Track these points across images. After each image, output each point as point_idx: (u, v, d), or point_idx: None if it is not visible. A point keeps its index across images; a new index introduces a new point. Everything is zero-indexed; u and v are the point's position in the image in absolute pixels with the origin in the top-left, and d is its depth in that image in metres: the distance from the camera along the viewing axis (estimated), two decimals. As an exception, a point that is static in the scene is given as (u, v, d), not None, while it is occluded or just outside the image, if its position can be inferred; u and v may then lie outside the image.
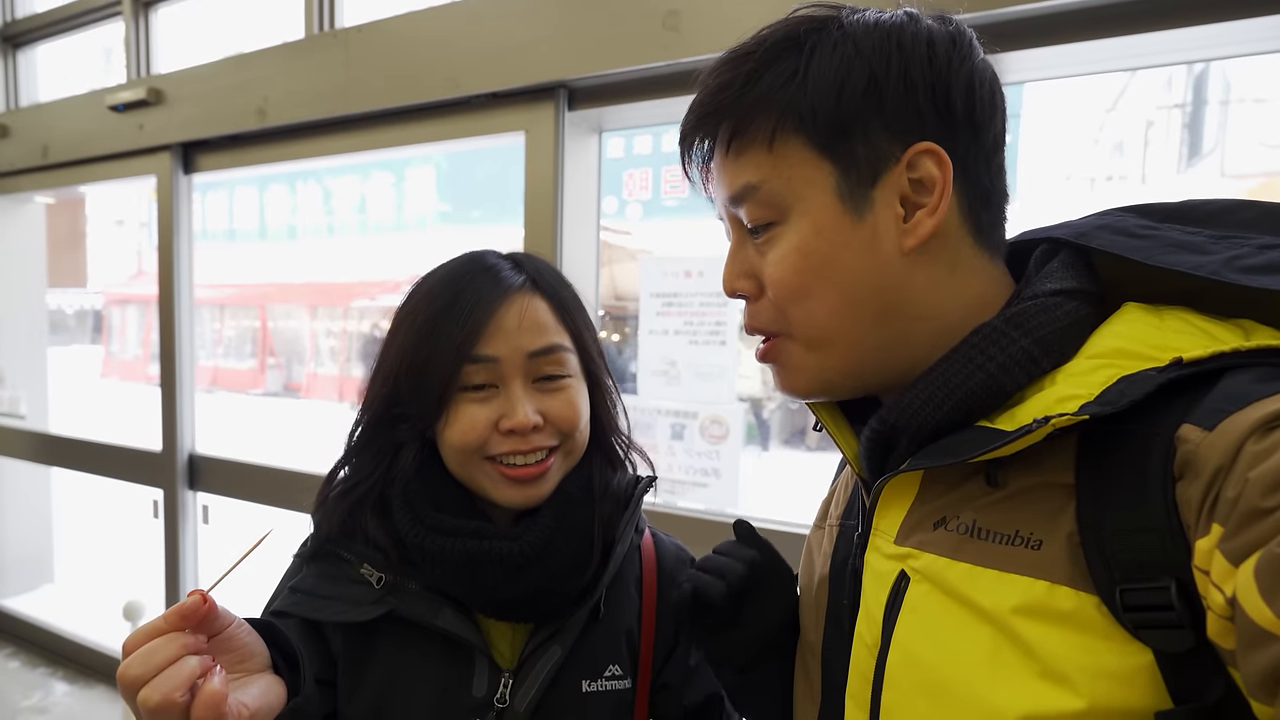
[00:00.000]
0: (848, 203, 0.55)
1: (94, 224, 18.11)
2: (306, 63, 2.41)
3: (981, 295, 0.57)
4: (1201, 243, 0.52)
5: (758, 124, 0.56)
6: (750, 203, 0.58)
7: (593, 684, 0.78)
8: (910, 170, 0.54)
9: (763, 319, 0.61)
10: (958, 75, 0.54)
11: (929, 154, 0.54)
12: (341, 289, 12.95)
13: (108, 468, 3.21)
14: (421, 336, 0.75)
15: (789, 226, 0.57)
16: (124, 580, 3.70)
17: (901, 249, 0.55)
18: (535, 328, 0.76)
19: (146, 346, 15.29)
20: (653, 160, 5.58)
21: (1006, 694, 0.47)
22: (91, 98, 3.01)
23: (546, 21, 1.93)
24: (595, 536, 0.78)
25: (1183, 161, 7.61)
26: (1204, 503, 0.43)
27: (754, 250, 0.60)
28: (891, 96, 0.53)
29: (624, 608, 0.83)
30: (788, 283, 0.57)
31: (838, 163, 0.55)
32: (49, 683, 3.19)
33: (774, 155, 0.56)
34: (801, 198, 0.56)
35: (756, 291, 0.60)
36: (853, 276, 0.56)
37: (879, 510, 0.59)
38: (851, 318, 0.56)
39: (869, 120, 0.54)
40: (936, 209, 0.55)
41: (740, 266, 0.61)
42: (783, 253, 0.57)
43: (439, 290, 0.77)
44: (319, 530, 0.80)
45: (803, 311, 0.57)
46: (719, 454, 2.04)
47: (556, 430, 0.77)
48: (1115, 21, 1.43)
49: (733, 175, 0.58)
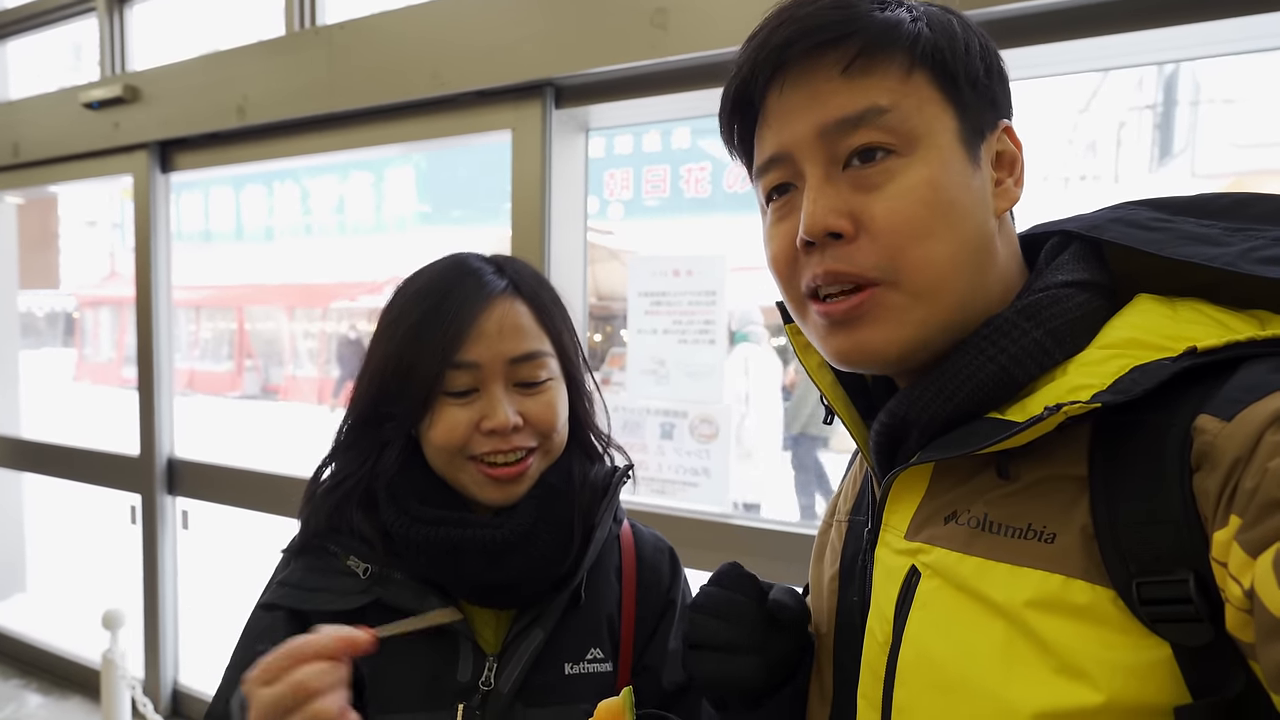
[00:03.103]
0: (968, 149, 0.55)
1: (66, 225, 17.75)
2: (287, 60, 2.37)
3: (1013, 281, 0.58)
4: (1216, 235, 0.52)
5: (894, 48, 0.53)
6: (872, 127, 0.53)
7: (575, 666, 0.81)
8: (998, 142, 0.57)
9: (864, 261, 0.54)
10: (1008, 80, 0.59)
11: (1009, 132, 0.58)
12: (320, 290, 12.80)
13: (84, 473, 3.14)
14: (406, 340, 0.78)
15: (915, 159, 0.53)
16: (100, 588, 3.63)
17: (994, 209, 0.57)
18: (516, 333, 0.79)
19: (120, 349, 15.01)
20: (633, 160, 5.55)
21: (1022, 689, 0.47)
22: (64, 95, 2.95)
23: (533, 18, 1.92)
24: (575, 524, 0.81)
25: (1154, 161, 7.76)
26: (1222, 494, 0.42)
27: (849, 188, 0.54)
28: (995, 70, 0.57)
29: (604, 595, 0.86)
30: (915, 218, 0.53)
31: (960, 110, 0.55)
32: (22, 694, 3.12)
33: (909, 84, 0.54)
34: (932, 131, 0.54)
35: (854, 231, 0.54)
36: (971, 222, 0.54)
37: (889, 505, 0.58)
38: (966, 267, 0.54)
39: (981, 83, 0.56)
40: (1020, 180, 0.58)
41: (834, 202, 0.54)
42: (909, 185, 0.53)
43: (423, 294, 0.80)
44: (306, 525, 0.83)
45: (923, 253, 0.53)
46: (709, 453, 2.04)
47: (536, 431, 0.80)
48: (1087, 22, 1.45)
49: (850, 95, 0.53)
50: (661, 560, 0.92)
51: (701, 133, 3.94)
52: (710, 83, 1.78)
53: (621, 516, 0.92)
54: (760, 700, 0.67)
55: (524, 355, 0.79)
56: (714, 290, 2.01)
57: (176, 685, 2.91)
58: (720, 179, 5.35)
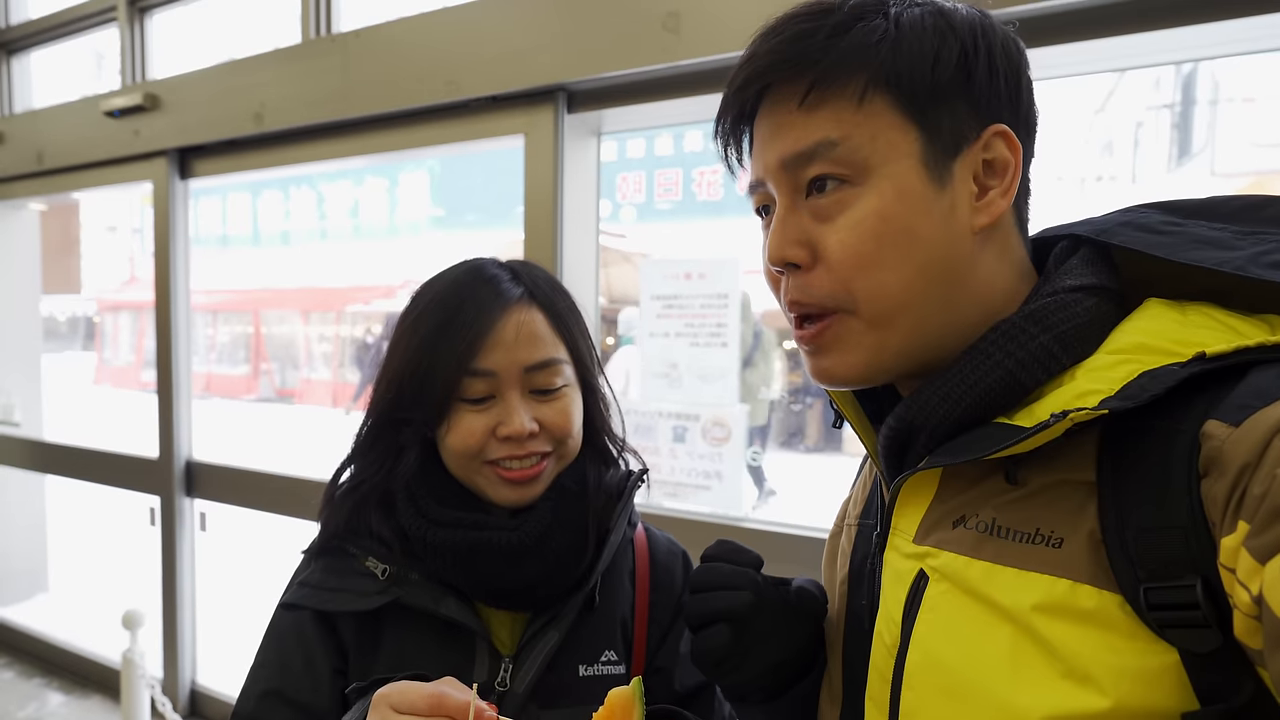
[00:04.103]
0: (932, 171, 0.54)
1: (87, 230, 18.00)
2: (304, 67, 2.40)
3: (1015, 288, 0.57)
4: (1227, 239, 0.51)
5: (846, 78, 0.53)
6: (823, 160, 0.54)
7: (589, 668, 0.82)
8: (985, 150, 0.55)
9: (818, 291, 0.55)
10: (1023, 71, 0.57)
11: (1002, 136, 0.55)
12: (335, 294, 12.89)
13: (104, 475, 3.19)
14: (423, 347, 0.79)
15: (867, 189, 0.54)
16: (120, 589, 3.68)
17: (972, 226, 0.55)
18: (532, 341, 0.79)
19: (139, 353, 15.19)
20: (645, 164, 5.57)
21: (1029, 694, 0.47)
22: (87, 103, 3.00)
23: (545, 24, 1.93)
24: (589, 528, 0.82)
25: (1172, 161, 7.66)
26: (1230, 499, 0.42)
27: (809, 217, 0.56)
28: (979, 74, 0.54)
29: (618, 598, 0.86)
30: (861, 250, 0.53)
31: (924, 130, 0.54)
32: (44, 693, 3.16)
33: (861, 113, 0.53)
34: (886, 160, 0.53)
35: (810, 261, 0.56)
36: (929, 248, 0.54)
37: (897, 509, 0.59)
38: (922, 292, 0.54)
39: (957, 93, 0.54)
40: (1008, 190, 0.55)
41: (793, 234, 0.56)
42: (858, 217, 0.54)
43: (440, 300, 0.81)
44: (326, 527, 0.84)
45: (873, 283, 0.54)
46: (721, 456, 2.04)
47: (551, 437, 0.81)
48: (1104, 23, 1.44)
49: (804, 129, 0.54)
50: (675, 563, 0.92)
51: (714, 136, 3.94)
52: (722, 86, 1.78)
53: (636, 520, 0.93)
54: (779, 692, 0.66)
55: (540, 363, 0.79)
56: (726, 293, 2.02)
57: (195, 685, 2.94)
58: (732, 182, 5.34)
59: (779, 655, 0.64)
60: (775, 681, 0.66)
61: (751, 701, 0.69)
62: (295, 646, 0.79)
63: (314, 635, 0.79)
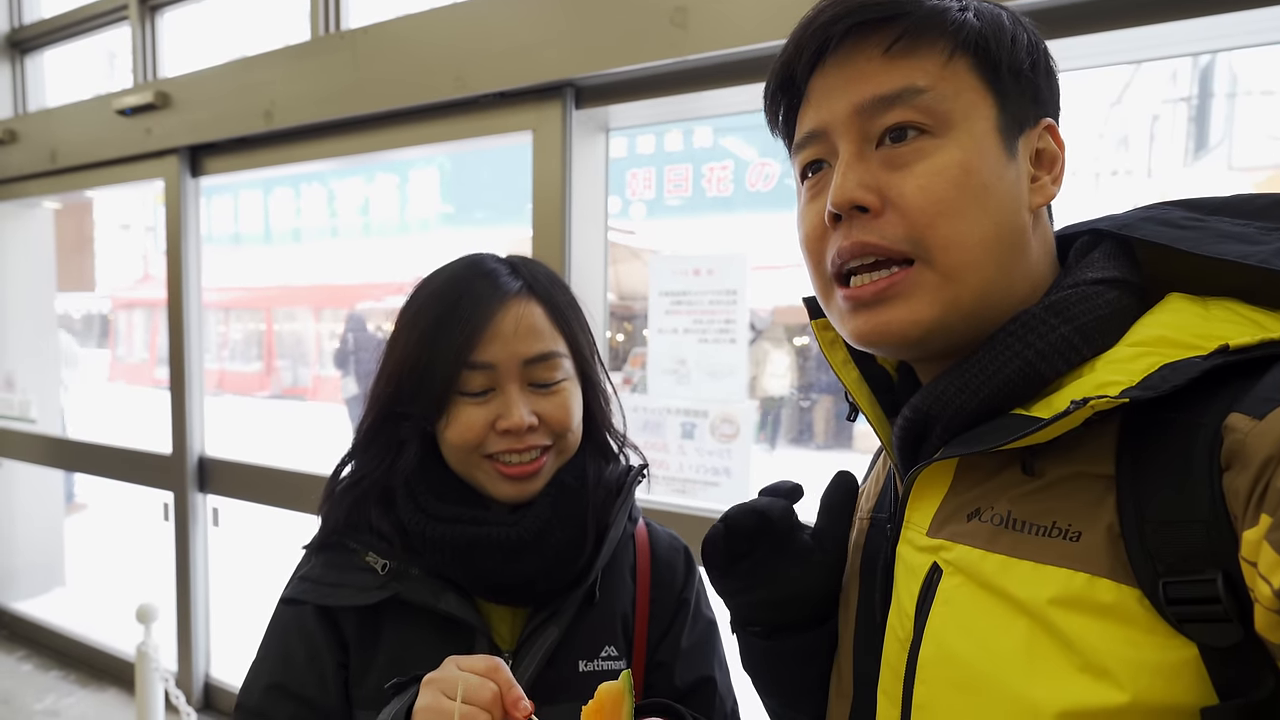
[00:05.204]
0: (1005, 139, 0.55)
1: (101, 229, 18.16)
2: (313, 64, 2.41)
3: (1045, 276, 0.58)
4: (1251, 234, 0.51)
5: (936, 34, 0.54)
6: (906, 106, 0.54)
7: (589, 664, 0.82)
8: (1038, 139, 0.57)
9: (890, 234, 0.54)
10: (1058, 78, 0.60)
11: (1051, 131, 0.58)
12: (346, 291, 12.96)
13: (119, 471, 3.22)
14: (422, 341, 0.79)
15: (948, 141, 0.54)
16: (135, 583, 3.71)
17: (1030, 204, 0.56)
18: (530, 334, 0.79)
19: (153, 350, 15.33)
20: (655, 160, 5.54)
21: (1045, 688, 0.47)
22: (99, 102, 3.02)
23: (553, 20, 1.93)
24: (589, 523, 0.82)
25: (1189, 155, 7.57)
26: (1253, 493, 0.42)
27: (879, 165, 0.55)
28: (1041, 66, 0.57)
29: (619, 593, 0.86)
30: (944, 197, 0.53)
31: (1000, 102, 0.55)
32: (61, 685, 3.20)
33: (948, 69, 0.54)
34: (967, 117, 0.54)
35: (880, 206, 0.55)
36: (1001, 210, 0.54)
37: (911, 502, 0.58)
38: (995, 252, 0.54)
39: (1026, 77, 0.56)
40: (1058, 179, 0.58)
41: (862, 177, 0.55)
42: (941, 165, 0.53)
43: (439, 294, 0.81)
44: (326, 522, 0.85)
45: (951, 231, 0.53)
46: (730, 452, 2.04)
47: (550, 431, 0.81)
48: (1119, 14, 1.42)
49: (889, 75, 0.54)
50: (676, 559, 0.92)
51: (723, 131, 3.92)
52: (730, 81, 1.78)
53: (637, 515, 0.93)
54: (776, 630, 0.68)
55: (539, 356, 0.79)
56: (735, 289, 2.01)
57: (208, 678, 2.97)
58: (743, 178, 5.33)
59: (787, 587, 0.67)
60: (778, 616, 0.67)
61: (752, 633, 0.71)
62: (298, 641, 0.79)
63: (316, 629, 0.79)
